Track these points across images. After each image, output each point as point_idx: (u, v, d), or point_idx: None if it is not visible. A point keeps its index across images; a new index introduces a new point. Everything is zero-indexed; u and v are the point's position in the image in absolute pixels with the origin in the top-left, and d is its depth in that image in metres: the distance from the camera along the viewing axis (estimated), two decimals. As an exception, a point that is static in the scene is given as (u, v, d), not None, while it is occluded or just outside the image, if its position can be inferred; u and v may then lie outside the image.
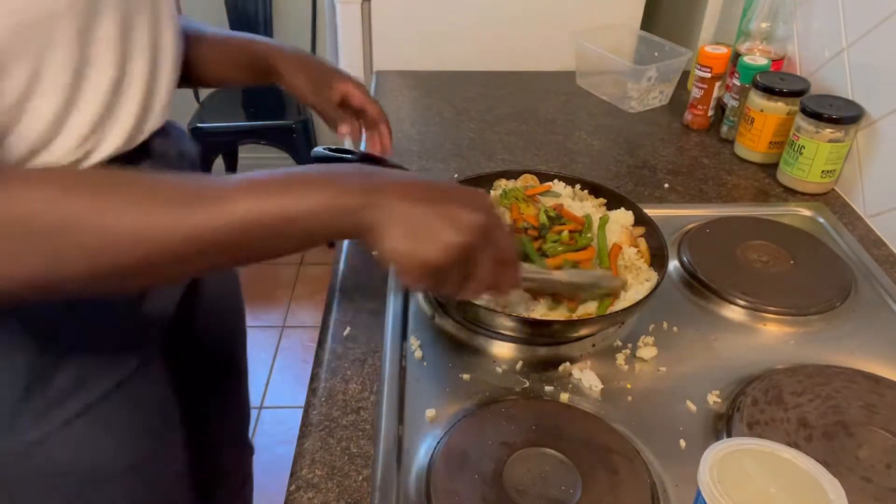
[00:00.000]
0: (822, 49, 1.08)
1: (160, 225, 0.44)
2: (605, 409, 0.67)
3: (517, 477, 0.59)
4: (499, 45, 1.44)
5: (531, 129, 1.22)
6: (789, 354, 0.75)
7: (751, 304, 0.80)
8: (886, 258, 0.90)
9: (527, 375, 0.71)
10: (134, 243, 0.44)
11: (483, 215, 0.51)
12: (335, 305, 0.80)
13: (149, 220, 0.44)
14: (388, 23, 1.41)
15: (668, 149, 1.16)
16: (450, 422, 0.65)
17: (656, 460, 0.62)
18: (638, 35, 1.38)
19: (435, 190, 0.51)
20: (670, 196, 1.02)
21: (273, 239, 0.48)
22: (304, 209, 0.47)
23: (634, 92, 1.26)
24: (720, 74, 1.16)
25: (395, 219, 0.49)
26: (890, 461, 0.61)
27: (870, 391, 0.67)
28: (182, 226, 0.45)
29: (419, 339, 0.75)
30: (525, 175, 0.90)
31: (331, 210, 0.48)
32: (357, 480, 0.61)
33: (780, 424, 0.64)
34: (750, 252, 0.88)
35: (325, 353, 0.74)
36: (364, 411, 0.67)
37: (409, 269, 0.50)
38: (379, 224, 0.48)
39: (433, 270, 0.50)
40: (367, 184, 0.49)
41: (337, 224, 0.48)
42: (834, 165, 1.00)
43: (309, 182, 0.48)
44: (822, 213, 0.99)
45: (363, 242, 0.51)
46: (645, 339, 0.75)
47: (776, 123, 1.05)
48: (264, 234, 0.47)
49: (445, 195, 0.51)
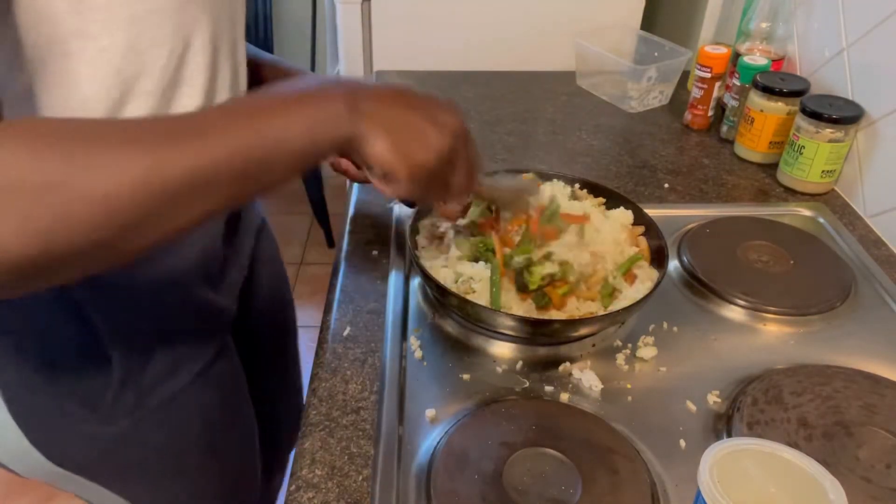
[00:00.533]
0: (822, 49, 1.08)
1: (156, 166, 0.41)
2: (605, 409, 0.67)
3: (517, 477, 0.58)
4: (499, 45, 1.44)
5: (531, 129, 1.22)
6: (789, 354, 0.75)
7: (751, 304, 0.80)
8: (886, 258, 0.90)
9: (527, 375, 0.71)
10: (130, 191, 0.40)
11: (460, 118, 0.52)
12: (335, 305, 0.80)
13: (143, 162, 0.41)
14: (388, 23, 1.41)
15: (668, 149, 1.16)
16: (450, 422, 0.65)
17: (656, 460, 0.62)
18: (638, 35, 1.38)
19: (415, 97, 0.52)
20: (670, 196, 1.02)
21: (266, 165, 0.46)
22: (292, 131, 0.46)
23: (634, 92, 1.26)
24: (720, 74, 1.16)
25: (383, 125, 0.48)
26: (890, 461, 0.61)
27: (870, 391, 0.67)
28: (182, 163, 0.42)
29: (419, 340, 0.75)
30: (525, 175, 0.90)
31: (318, 125, 0.47)
32: (357, 480, 0.61)
33: (780, 424, 0.64)
34: (750, 252, 0.88)
35: (325, 353, 0.74)
36: (364, 411, 0.67)
37: (400, 173, 0.49)
38: (367, 132, 0.48)
39: (423, 173, 0.50)
40: (349, 94, 0.48)
41: (326, 138, 0.47)
42: (834, 165, 1.00)
43: (290, 102, 0.47)
44: (822, 213, 0.99)
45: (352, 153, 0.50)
46: (645, 339, 0.75)
47: (776, 123, 1.05)
48: (255, 162, 0.45)
49: (425, 101, 0.52)
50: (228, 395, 0.76)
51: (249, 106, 0.47)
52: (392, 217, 0.94)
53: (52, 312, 0.59)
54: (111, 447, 0.66)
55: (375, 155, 0.49)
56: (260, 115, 0.45)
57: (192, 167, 0.42)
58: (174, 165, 0.41)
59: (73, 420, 0.64)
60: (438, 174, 0.52)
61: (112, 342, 0.62)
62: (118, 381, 0.63)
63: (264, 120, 0.45)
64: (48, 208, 0.38)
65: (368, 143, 0.48)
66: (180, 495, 0.76)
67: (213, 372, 0.72)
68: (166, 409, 0.68)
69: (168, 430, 0.69)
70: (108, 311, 0.61)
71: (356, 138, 0.48)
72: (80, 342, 0.61)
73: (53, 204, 0.38)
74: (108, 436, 0.65)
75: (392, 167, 0.49)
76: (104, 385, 0.63)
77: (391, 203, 0.96)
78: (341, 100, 0.48)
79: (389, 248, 0.88)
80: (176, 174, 0.41)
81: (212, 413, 0.73)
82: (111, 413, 0.64)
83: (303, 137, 0.46)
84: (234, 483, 0.83)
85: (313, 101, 0.47)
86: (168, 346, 0.66)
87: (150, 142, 0.42)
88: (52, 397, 0.63)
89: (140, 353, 0.64)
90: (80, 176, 0.39)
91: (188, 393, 0.69)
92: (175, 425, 0.70)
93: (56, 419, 0.63)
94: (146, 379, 0.65)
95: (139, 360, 0.64)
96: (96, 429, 0.65)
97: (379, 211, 0.96)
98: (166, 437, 0.69)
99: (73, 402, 0.63)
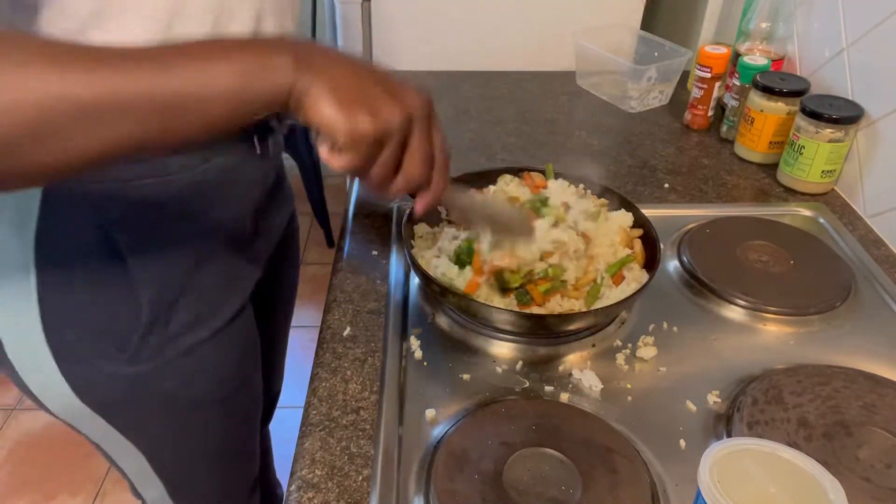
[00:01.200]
0: (822, 49, 1.08)
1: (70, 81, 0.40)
2: (605, 409, 0.67)
3: (517, 477, 0.58)
4: (499, 45, 1.44)
5: (531, 129, 1.22)
6: (789, 354, 0.75)
7: (751, 304, 0.80)
8: (886, 258, 0.90)
9: (527, 375, 0.71)
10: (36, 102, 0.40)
11: (424, 101, 0.50)
12: (335, 305, 0.80)
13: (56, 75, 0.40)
14: (388, 23, 1.41)
15: (668, 149, 1.16)
16: (450, 422, 0.65)
17: (656, 460, 0.62)
18: (638, 35, 1.38)
19: (377, 69, 0.50)
20: (670, 196, 1.02)
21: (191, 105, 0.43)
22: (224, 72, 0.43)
23: (634, 92, 1.26)
24: (720, 74, 1.16)
25: (330, 82, 0.46)
26: (890, 461, 0.61)
27: (870, 391, 0.67)
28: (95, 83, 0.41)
29: (419, 340, 0.75)
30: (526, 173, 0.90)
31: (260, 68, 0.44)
32: (357, 480, 0.61)
33: (780, 424, 0.64)
34: (750, 252, 0.88)
35: (325, 353, 0.74)
36: (364, 411, 0.67)
37: (338, 134, 0.46)
38: (311, 86, 0.45)
39: (365, 141, 0.47)
40: (300, 47, 0.46)
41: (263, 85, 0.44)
42: (834, 165, 1.00)
43: (234, 46, 0.45)
44: (822, 213, 0.99)
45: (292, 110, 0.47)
46: (645, 339, 0.75)
47: (776, 123, 1.05)
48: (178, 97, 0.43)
49: (387, 75, 0.49)
50: (242, 358, 0.79)
51: (190, 45, 0.45)
52: (392, 217, 0.94)
53: (95, 255, 0.63)
54: (131, 387, 0.69)
55: (316, 111, 0.46)
56: (195, 54, 0.44)
57: (109, 89, 0.41)
58: (86, 85, 0.41)
59: (102, 357, 0.67)
60: (383, 149, 0.48)
61: (145, 287, 0.65)
62: (145, 325, 0.66)
63: (197, 58, 0.43)
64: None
65: (310, 98, 0.45)
66: (187, 450, 0.79)
67: (232, 332, 0.74)
68: (185, 358, 0.70)
69: (184, 379, 0.72)
70: (144, 259, 0.64)
71: (298, 92, 0.45)
72: (119, 283, 0.64)
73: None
74: (129, 376, 0.68)
75: (331, 127, 0.46)
76: (133, 327, 0.66)
77: (392, 203, 0.96)
78: (290, 51, 0.45)
79: (389, 248, 0.89)
80: (85, 94, 0.40)
81: (226, 371, 0.76)
82: (135, 354, 0.67)
83: (233, 81, 0.44)
84: (239, 445, 0.86)
85: (260, 48, 0.45)
86: (193, 300, 0.69)
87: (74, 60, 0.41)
88: (86, 332, 0.66)
89: (168, 302, 0.67)
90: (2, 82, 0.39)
91: (207, 348, 0.72)
92: (191, 376, 0.72)
93: (87, 354, 0.66)
94: (171, 327, 0.68)
95: (166, 309, 0.67)
96: (120, 368, 0.67)
97: (379, 211, 0.96)
98: (182, 386, 0.72)
99: (104, 340, 0.66)
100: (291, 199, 0.91)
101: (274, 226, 0.84)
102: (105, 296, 0.65)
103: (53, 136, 0.41)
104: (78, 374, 0.67)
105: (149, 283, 0.65)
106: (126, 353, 0.67)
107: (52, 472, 1.73)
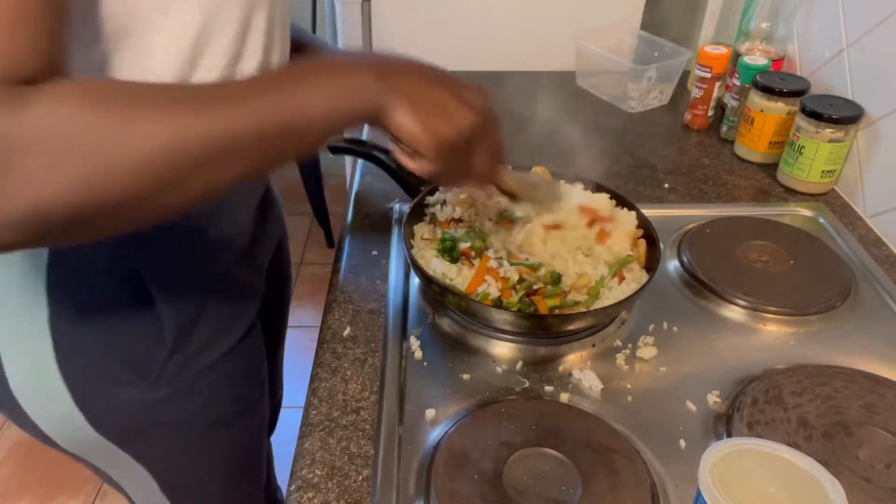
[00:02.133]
0: (822, 49, 1.08)
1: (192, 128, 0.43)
2: (605, 409, 0.67)
3: (517, 477, 0.59)
4: (499, 45, 1.44)
5: (531, 129, 1.22)
6: (789, 354, 0.75)
7: (751, 304, 0.80)
8: (886, 258, 0.90)
9: (527, 375, 0.71)
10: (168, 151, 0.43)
11: (488, 101, 0.54)
12: (335, 305, 0.80)
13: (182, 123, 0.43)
14: (388, 23, 1.41)
15: (668, 149, 1.16)
16: (450, 422, 0.65)
17: (656, 460, 0.62)
18: (638, 35, 1.38)
19: (443, 75, 0.54)
20: (670, 196, 1.02)
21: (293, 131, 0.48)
22: (318, 98, 0.48)
23: (634, 92, 1.26)
24: (720, 74, 1.16)
25: (410, 97, 0.50)
26: (890, 461, 0.61)
27: (870, 391, 0.67)
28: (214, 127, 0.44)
29: (419, 339, 0.75)
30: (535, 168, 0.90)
31: (349, 93, 0.49)
32: (357, 480, 0.61)
33: (780, 424, 0.64)
34: (750, 252, 0.88)
35: (325, 353, 0.74)
36: (364, 411, 0.67)
37: (423, 145, 0.51)
38: (394, 103, 0.50)
39: (445, 147, 0.51)
40: (378, 67, 0.51)
41: (352, 106, 0.49)
42: (834, 165, 1.00)
43: (320, 72, 0.49)
44: (822, 213, 0.99)
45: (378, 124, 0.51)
46: (645, 339, 0.75)
47: (776, 123, 1.05)
48: (283, 127, 0.47)
49: (453, 80, 0.54)
50: (253, 373, 0.79)
51: (281, 76, 0.49)
52: (392, 217, 0.94)
53: (111, 281, 0.62)
54: (152, 412, 0.69)
55: (401, 126, 0.50)
56: (289, 84, 0.48)
57: (222, 131, 0.44)
58: (205, 130, 0.44)
59: (119, 384, 0.66)
60: (461, 151, 0.53)
61: (165, 309, 0.65)
62: (169, 347, 0.66)
63: (293, 88, 0.47)
64: (97, 162, 0.41)
65: (395, 114, 0.50)
66: (199, 469, 0.78)
67: (244, 347, 0.74)
68: (205, 377, 0.70)
69: (204, 399, 0.71)
70: (160, 279, 0.64)
71: (382, 109, 0.50)
72: (138, 308, 0.64)
73: (101, 157, 0.41)
74: (150, 401, 0.67)
75: (416, 139, 0.51)
76: (157, 350, 0.66)
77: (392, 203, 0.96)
78: (370, 71, 0.50)
79: (389, 248, 0.89)
80: (206, 138, 0.44)
81: (240, 388, 0.76)
82: (158, 378, 0.67)
83: (328, 105, 0.48)
84: (249, 460, 0.85)
85: (342, 72, 0.49)
86: (212, 316, 0.69)
87: (186, 107, 0.44)
88: (103, 362, 0.65)
89: (187, 320, 0.67)
90: (125, 135, 0.42)
91: (223, 365, 0.72)
92: (209, 395, 0.72)
93: (103, 383, 0.66)
94: (192, 346, 0.68)
95: (187, 327, 0.67)
96: (139, 395, 0.67)
97: (379, 211, 0.96)
98: (202, 406, 0.72)
99: (123, 367, 0.65)
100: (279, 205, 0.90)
101: (269, 233, 0.83)
102: (123, 322, 0.64)
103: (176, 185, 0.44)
104: (94, 403, 0.66)
105: (170, 304, 0.65)
106: (149, 379, 0.66)
107: (52, 472, 1.73)
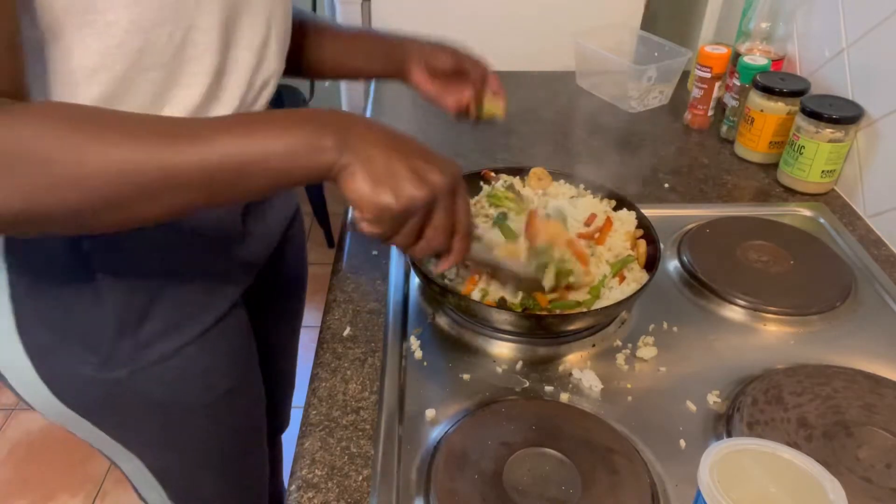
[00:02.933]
0: (822, 49, 1.08)
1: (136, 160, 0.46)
2: (605, 409, 0.67)
3: (517, 477, 0.59)
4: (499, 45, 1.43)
5: (531, 129, 1.22)
6: (789, 354, 0.75)
7: (751, 304, 0.80)
8: (886, 258, 0.90)
9: (527, 375, 0.71)
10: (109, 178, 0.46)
11: (449, 180, 0.54)
12: (335, 305, 0.80)
13: (126, 155, 0.46)
14: (388, 23, 1.41)
15: (668, 149, 1.16)
16: (450, 422, 0.65)
17: (656, 460, 0.62)
18: (638, 35, 1.38)
19: (409, 144, 0.54)
20: (670, 196, 1.02)
21: (243, 178, 0.49)
22: (275, 151, 0.49)
23: (634, 92, 1.26)
24: (720, 74, 1.16)
25: (364, 162, 0.51)
26: (890, 461, 0.61)
27: (870, 391, 0.67)
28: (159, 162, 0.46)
29: (419, 340, 0.75)
30: (535, 169, 0.90)
31: (307, 149, 0.50)
32: (357, 480, 0.61)
33: (780, 424, 0.64)
34: (750, 252, 0.88)
35: (325, 353, 0.74)
36: (364, 411, 0.67)
37: (365, 211, 0.52)
38: (347, 165, 0.51)
39: (388, 217, 0.52)
40: (343, 125, 0.51)
41: (307, 164, 0.50)
42: (834, 165, 1.00)
43: (284, 124, 0.50)
44: (822, 213, 0.99)
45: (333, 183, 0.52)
46: (645, 339, 0.75)
47: (776, 123, 1.05)
48: (232, 173, 0.48)
49: (418, 151, 0.53)
50: (231, 364, 0.78)
51: (243, 122, 0.50)
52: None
53: (65, 258, 0.63)
54: (110, 392, 0.69)
55: (347, 187, 0.51)
56: (248, 132, 0.49)
57: (166, 166, 0.47)
58: (149, 162, 0.46)
59: (78, 361, 0.66)
60: (405, 223, 0.54)
61: (111, 295, 0.65)
62: (114, 331, 0.66)
63: (251, 137, 0.49)
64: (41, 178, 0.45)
65: (345, 176, 0.51)
66: (183, 456, 0.78)
67: (216, 337, 0.73)
68: (163, 365, 0.69)
69: (168, 385, 0.71)
70: (111, 266, 0.64)
71: (336, 169, 0.51)
72: (88, 291, 0.64)
73: (46, 176, 0.45)
74: (108, 382, 0.68)
75: (358, 202, 0.51)
76: (103, 332, 0.66)
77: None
78: (332, 131, 0.50)
79: (389, 248, 0.88)
80: (150, 170, 0.46)
81: (214, 377, 0.75)
82: (108, 359, 0.67)
83: (284, 159, 0.49)
84: (240, 451, 0.85)
85: (305, 127, 0.50)
86: (166, 308, 0.68)
87: (136, 138, 0.47)
88: (61, 337, 0.65)
89: (137, 310, 0.66)
90: (71, 158, 0.45)
91: (189, 354, 0.71)
92: (176, 383, 0.71)
93: (63, 358, 0.66)
94: (142, 335, 0.67)
95: (137, 315, 0.66)
96: (97, 373, 0.67)
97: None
98: (168, 392, 0.71)
99: (77, 343, 0.66)
100: (293, 199, 0.90)
101: (269, 227, 0.82)
102: (74, 300, 0.64)
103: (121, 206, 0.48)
104: (54, 375, 0.67)
105: (115, 291, 0.64)
106: (98, 357, 0.66)
107: (52, 472, 1.73)
